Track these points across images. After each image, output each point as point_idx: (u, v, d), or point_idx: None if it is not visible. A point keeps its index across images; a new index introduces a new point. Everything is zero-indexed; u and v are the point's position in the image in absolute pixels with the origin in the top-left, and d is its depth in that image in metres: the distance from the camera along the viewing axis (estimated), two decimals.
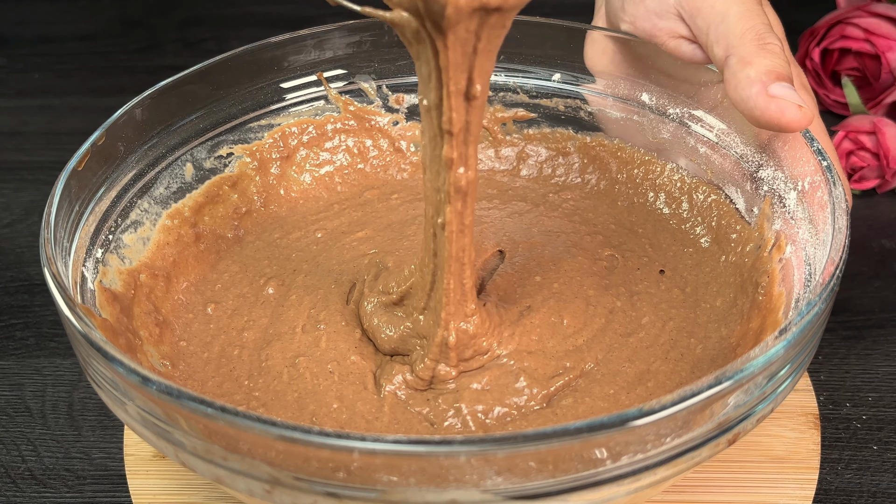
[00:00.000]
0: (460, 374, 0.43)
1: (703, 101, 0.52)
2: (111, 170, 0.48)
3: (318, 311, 0.48)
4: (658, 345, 0.46)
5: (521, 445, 0.31)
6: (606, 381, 0.44)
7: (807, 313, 0.36)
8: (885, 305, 0.57)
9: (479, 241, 0.52)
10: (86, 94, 0.82)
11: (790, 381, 0.37)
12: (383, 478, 0.32)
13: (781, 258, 0.45)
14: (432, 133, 0.39)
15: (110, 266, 0.47)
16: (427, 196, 0.41)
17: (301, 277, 0.51)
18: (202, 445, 0.34)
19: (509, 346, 0.45)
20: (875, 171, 0.65)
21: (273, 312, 0.49)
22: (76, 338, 0.37)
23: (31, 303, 0.60)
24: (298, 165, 0.58)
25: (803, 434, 0.48)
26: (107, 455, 0.50)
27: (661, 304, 0.48)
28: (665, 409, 0.32)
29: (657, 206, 0.55)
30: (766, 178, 0.48)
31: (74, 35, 0.91)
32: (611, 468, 0.33)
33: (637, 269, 0.51)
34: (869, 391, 0.52)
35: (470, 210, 0.40)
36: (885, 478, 0.47)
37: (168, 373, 0.46)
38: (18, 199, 0.69)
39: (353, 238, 0.54)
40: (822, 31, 0.71)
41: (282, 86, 0.56)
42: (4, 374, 0.55)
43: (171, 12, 0.94)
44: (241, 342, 0.47)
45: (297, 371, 0.45)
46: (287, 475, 0.33)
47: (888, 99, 0.68)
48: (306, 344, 0.46)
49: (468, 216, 0.40)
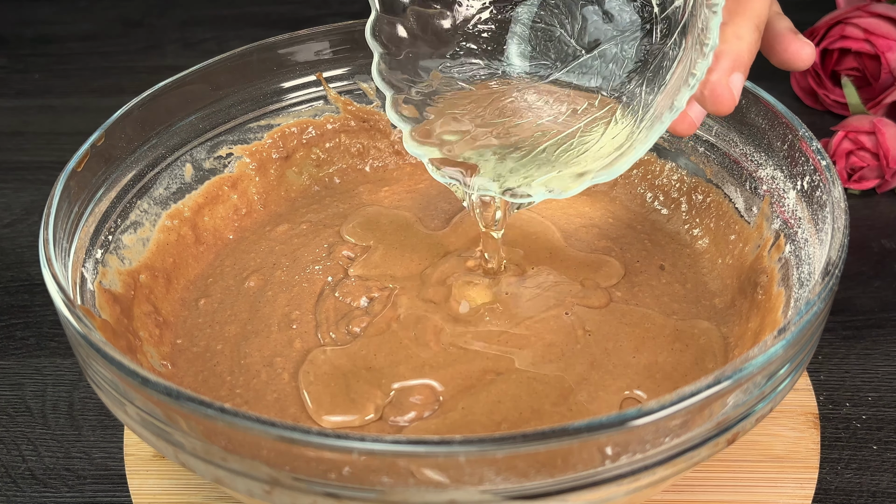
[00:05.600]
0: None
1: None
2: (111, 170, 0.48)
3: (291, 310, 0.49)
4: (663, 336, 0.46)
5: (521, 445, 0.31)
6: (618, 372, 0.44)
7: (805, 313, 0.36)
8: (885, 305, 0.57)
9: None
10: (86, 94, 0.82)
11: (789, 381, 0.37)
12: (382, 478, 0.32)
13: (780, 257, 0.45)
14: None
15: (110, 267, 0.47)
16: None
17: (279, 272, 0.51)
18: (202, 446, 0.34)
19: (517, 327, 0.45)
20: (875, 171, 0.65)
21: (251, 307, 0.49)
22: (76, 339, 0.37)
23: (31, 303, 0.60)
24: (298, 166, 0.58)
25: (803, 434, 0.48)
26: (107, 455, 0.50)
27: (662, 297, 0.49)
28: (664, 408, 0.32)
29: (655, 206, 0.55)
30: (764, 177, 0.48)
31: (74, 35, 0.91)
32: (610, 468, 0.33)
33: (636, 261, 0.51)
34: (869, 391, 0.52)
35: None
36: (884, 478, 0.47)
37: (168, 373, 0.46)
38: (18, 199, 0.69)
39: (334, 231, 0.54)
40: (822, 31, 0.71)
41: (281, 86, 0.56)
42: (5, 374, 0.55)
43: (171, 12, 0.94)
44: (224, 336, 0.48)
45: (275, 371, 0.45)
46: (286, 475, 0.33)
47: (888, 99, 0.68)
48: (281, 343, 0.47)
49: None
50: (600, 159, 0.43)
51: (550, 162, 0.44)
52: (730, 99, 0.40)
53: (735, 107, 0.40)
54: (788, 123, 0.46)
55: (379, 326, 0.47)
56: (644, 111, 0.43)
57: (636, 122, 0.43)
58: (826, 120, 0.73)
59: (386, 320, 0.47)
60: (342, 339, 0.47)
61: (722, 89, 0.39)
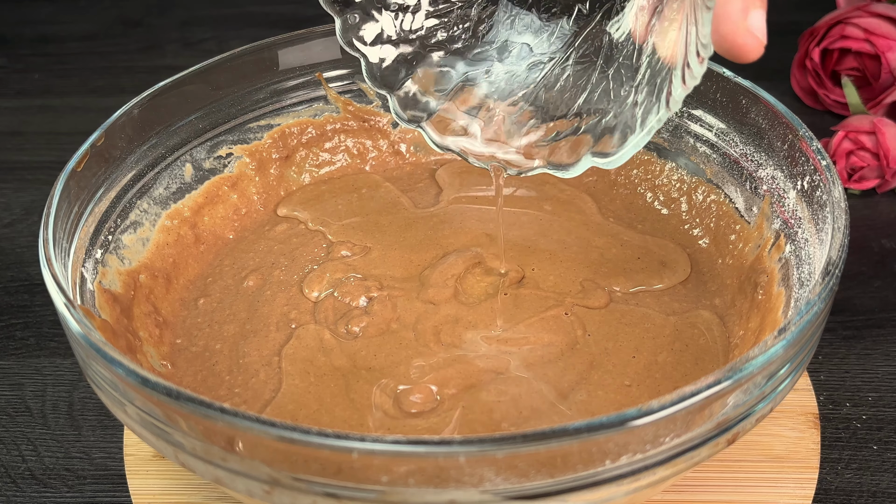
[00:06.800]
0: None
1: (702, 101, 0.52)
2: (110, 170, 0.48)
3: (289, 310, 0.49)
4: (663, 336, 0.46)
5: (521, 446, 0.31)
6: (618, 371, 0.44)
7: (806, 313, 0.36)
8: (885, 305, 0.57)
9: (468, 235, 0.52)
10: (86, 94, 0.82)
11: (789, 381, 0.37)
12: (382, 478, 0.32)
13: (781, 257, 0.45)
14: None
15: (110, 267, 0.47)
16: None
17: (277, 272, 0.51)
18: (201, 446, 0.34)
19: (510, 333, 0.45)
20: (875, 171, 0.65)
21: (250, 307, 0.49)
22: (75, 339, 0.37)
23: (31, 303, 0.60)
24: (298, 166, 0.58)
25: (803, 434, 0.48)
26: (107, 455, 0.50)
27: (662, 297, 0.49)
28: (664, 408, 0.32)
29: (656, 206, 0.55)
30: (765, 177, 0.48)
31: (74, 35, 0.91)
32: (610, 468, 0.33)
33: (637, 257, 0.51)
34: (869, 391, 0.52)
35: None
36: (885, 478, 0.47)
37: (168, 373, 0.46)
38: (18, 199, 0.69)
39: (332, 228, 0.54)
40: (822, 31, 0.71)
41: (281, 86, 0.56)
42: (4, 374, 0.55)
43: (171, 12, 0.94)
44: (223, 336, 0.48)
45: (273, 370, 0.45)
46: (286, 476, 0.33)
47: (888, 99, 0.68)
48: (279, 343, 0.47)
49: None
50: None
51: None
52: (754, 43, 0.34)
53: (764, 48, 0.34)
54: (788, 123, 0.46)
55: (379, 326, 0.47)
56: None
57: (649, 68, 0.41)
58: (826, 120, 0.73)
59: (386, 320, 0.47)
60: (342, 339, 0.47)
61: (742, 37, 0.34)
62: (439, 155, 0.59)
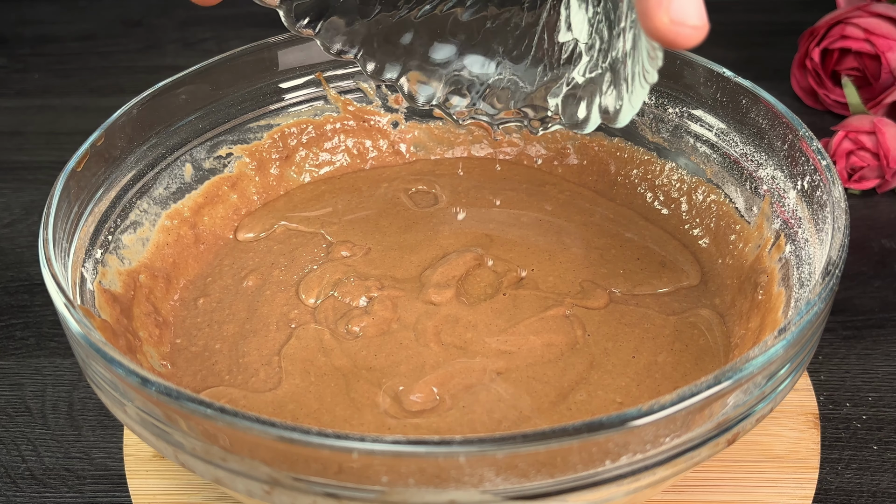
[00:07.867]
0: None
1: (703, 101, 0.52)
2: (110, 170, 0.48)
3: (289, 309, 0.49)
4: (663, 336, 0.46)
5: (521, 446, 0.31)
6: (618, 371, 0.44)
7: (806, 313, 0.36)
8: (885, 305, 0.57)
9: (467, 235, 0.52)
10: (86, 94, 0.82)
11: (789, 381, 0.37)
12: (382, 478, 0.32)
13: (781, 257, 0.45)
14: None
15: (110, 267, 0.47)
16: None
17: (277, 272, 0.51)
18: (201, 446, 0.34)
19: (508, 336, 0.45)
20: (875, 171, 0.65)
21: (249, 306, 0.49)
22: (75, 339, 0.37)
23: (31, 303, 0.60)
24: (298, 166, 0.58)
25: (803, 434, 0.48)
26: (107, 455, 0.50)
27: (662, 297, 0.49)
28: (664, 408, 0.32)
29: (656, 206, 0.55)
30: (765, 177, 0.48)
31: (74, 35, 0.91)
32: (610, 468, 0.33)
33: (637, 258, 0.51)
34: (869, 391, 0.52)
35: None
36: (885, 478, 0.47)
37: (168, 373, 0.46)
38: (18, 199, 0.69)
39: (332, 228, 0.54)
40: (822, 31, 0.71)
41: (281, 86, 0.56)
42: (4, 374, 0.55)
43: (171, 12, 0.94)
44: (222, 335, 0.48)
45: (273, 370, 0.45)
46: (286, 476, 0.33)
47: (888, 99, 0.68)
48: (279, 342, 0.47)
49: None
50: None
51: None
52: (687, 32, 0.30)
53: (705, 33, 0.31)
54: (789, 123, 0.46)
55: (379, 326, 0.47)
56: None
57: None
58: (826, 120, 0.73)
59: (386, 320, 0.47)
60: (342, 339, 0.47)
61: (666, 32, 0.30)
62: (440, 155, 0.59)
